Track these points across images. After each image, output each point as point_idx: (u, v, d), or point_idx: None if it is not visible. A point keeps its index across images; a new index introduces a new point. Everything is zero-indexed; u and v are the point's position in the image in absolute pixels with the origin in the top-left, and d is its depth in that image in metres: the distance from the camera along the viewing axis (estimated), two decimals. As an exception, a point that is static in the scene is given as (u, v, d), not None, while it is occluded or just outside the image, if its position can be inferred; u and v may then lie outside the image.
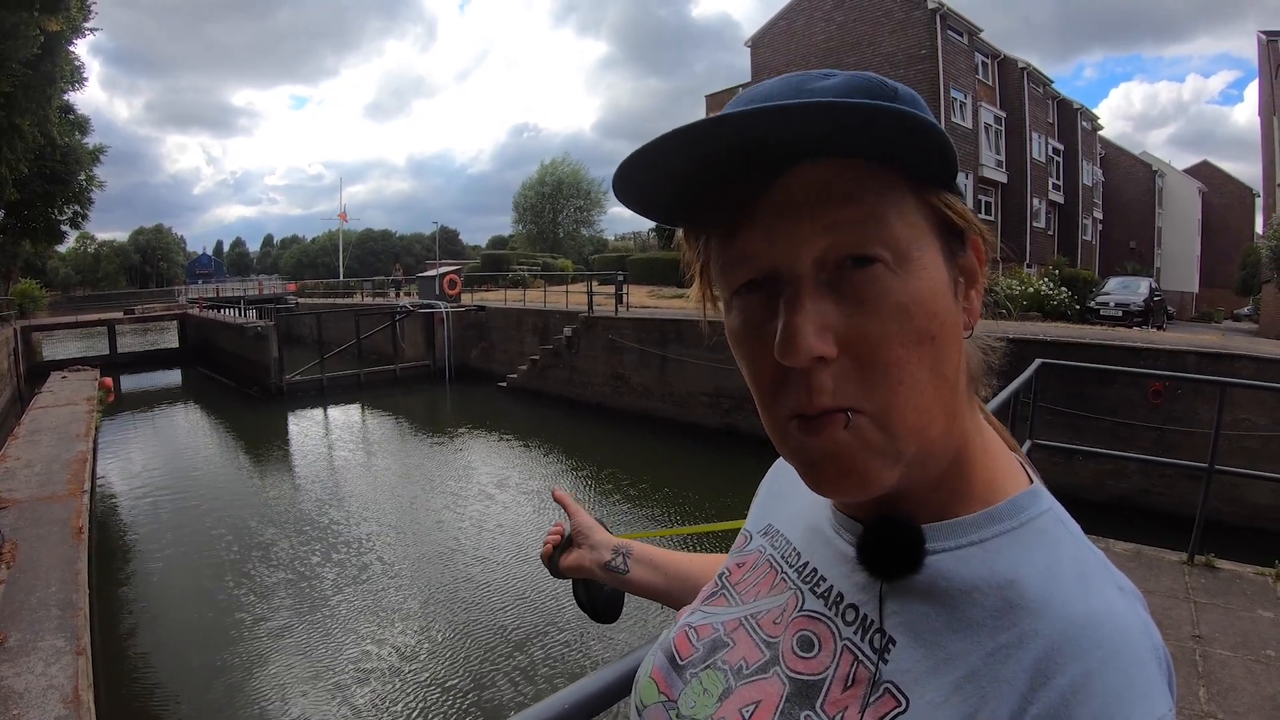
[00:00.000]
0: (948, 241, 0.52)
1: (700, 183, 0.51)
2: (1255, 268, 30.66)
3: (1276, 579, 4.04)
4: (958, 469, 0.54)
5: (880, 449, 0.48)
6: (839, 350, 0.47)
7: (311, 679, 6.91)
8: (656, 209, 0.55)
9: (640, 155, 0.48)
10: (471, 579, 9.12)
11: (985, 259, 0.55)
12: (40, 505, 7.12)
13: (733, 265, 0.52)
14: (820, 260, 0.48)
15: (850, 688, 0.51)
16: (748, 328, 0.52)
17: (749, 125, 0.44)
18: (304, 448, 16.76)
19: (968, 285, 0.54)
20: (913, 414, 0.48)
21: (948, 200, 0.52)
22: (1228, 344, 12.51)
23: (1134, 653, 0.44)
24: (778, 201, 0.48)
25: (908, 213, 0.49)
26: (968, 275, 0.54)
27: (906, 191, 0.49)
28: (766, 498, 0.76)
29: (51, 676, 4.26)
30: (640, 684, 0.67)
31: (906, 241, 0.48)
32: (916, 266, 0.48)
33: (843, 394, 0.47)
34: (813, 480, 0.51)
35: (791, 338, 0.46)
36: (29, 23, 15.45)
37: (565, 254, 49.34)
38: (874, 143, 0.46)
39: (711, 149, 0.47)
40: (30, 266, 49.28)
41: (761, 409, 0.53)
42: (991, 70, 32.05)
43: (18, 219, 24.31)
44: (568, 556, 1.03)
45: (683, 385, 16.65)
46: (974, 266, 0.54)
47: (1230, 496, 9.24)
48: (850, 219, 0.47)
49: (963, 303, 0.53)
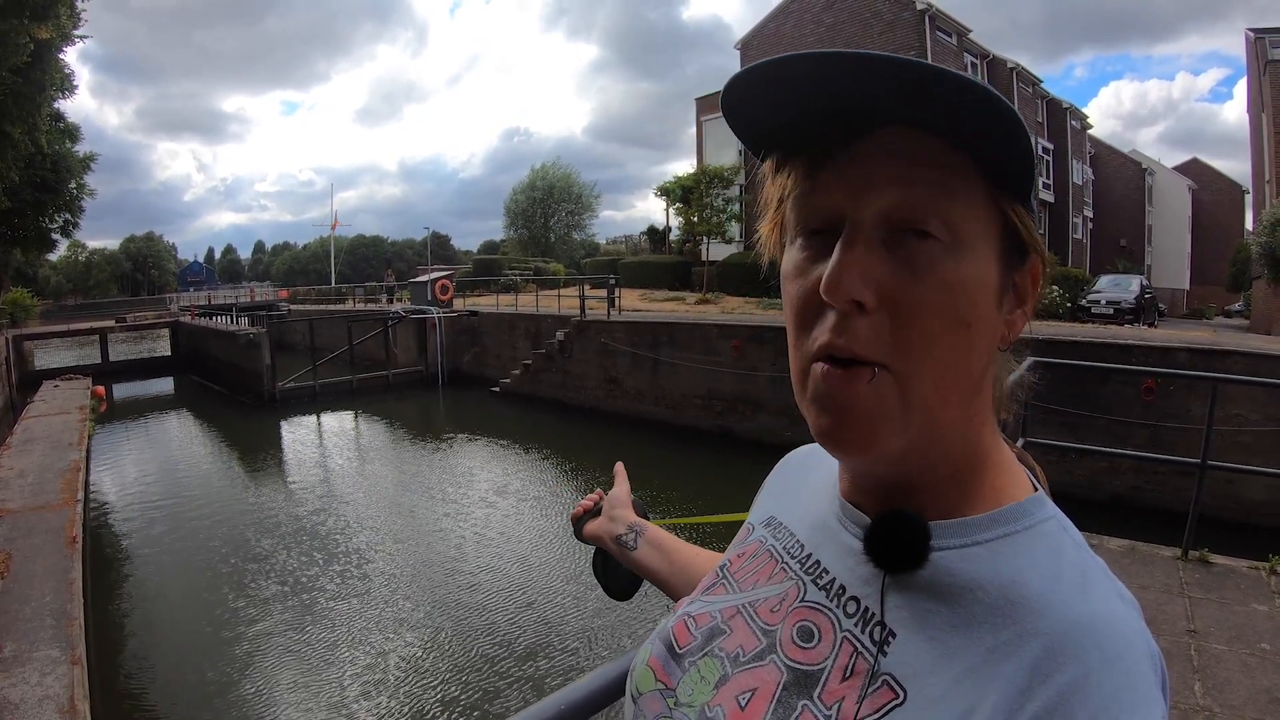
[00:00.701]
0: (1007, 250, 0.53)
1: (804, 114, 0.52)
2: (1245, 264, 30.82)
3: (1270, 574, 4.06)
4: (970, 473, 0.55)
5: (891, 414, 0.49)
6: (878, 304, 0.48)
7: (307, 687, 6.88)
8: (755, 127, 0.56)
9: (768, 67, 0.49)
10: (467, 584, 9.10)
11: (1040, 284, 0.56)
12: (33, 515, 7.07)
13: (806, 205, 0.54)
14: (884, 216, 0.49)
15: (849, 679, 0.52)
16: (803, 265, 0.53)
17: (885, 68, 0.46)
18: (297, 455, 16.71)
19: (1017, 302, 0.55)
20: (932, 389, 0.50)
21: (1018, 211, 0.53)
22: (1219, 340, 12.57)
23: (1132, 657, 0.44)
24: (861, 152, 0.50)
25: (976, 206, 0.50)
26: (1019, 292, 0.55)
27: (980, 188, 0.51)
28: (771, 493, 0.77)
29: (47, 687, 4.23)
30: (636, 672, 0.67)
31: (965, 229, 0.50)
32: (970, 254, 0.50)
33: (874, 348, 0.49)
34: (819, 426, 0.52)
35: (837, 275, 0.49)
36: (18, 30, 15.36)
37: (557, 258, 49.37)
38: (968, 130, 0.48)
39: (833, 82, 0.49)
40: (21, 275, 49.14)
41: (792, 347, 0.54)
42: (980, 71, 32.18)
43: (8, 227, 24.13)
44: (591, 523, 1.07)
45: (676, 388, 16.67)
46: (1027, 286, 0.55)
47: (1223, 492, 9.27)
48: (920, 188, 0.49)
49: (1006, 315, 0.54)
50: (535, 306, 22.85)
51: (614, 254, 44.11)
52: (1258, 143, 29.85)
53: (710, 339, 15.90)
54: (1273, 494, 9.44)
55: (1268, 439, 9.57)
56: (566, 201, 58.30)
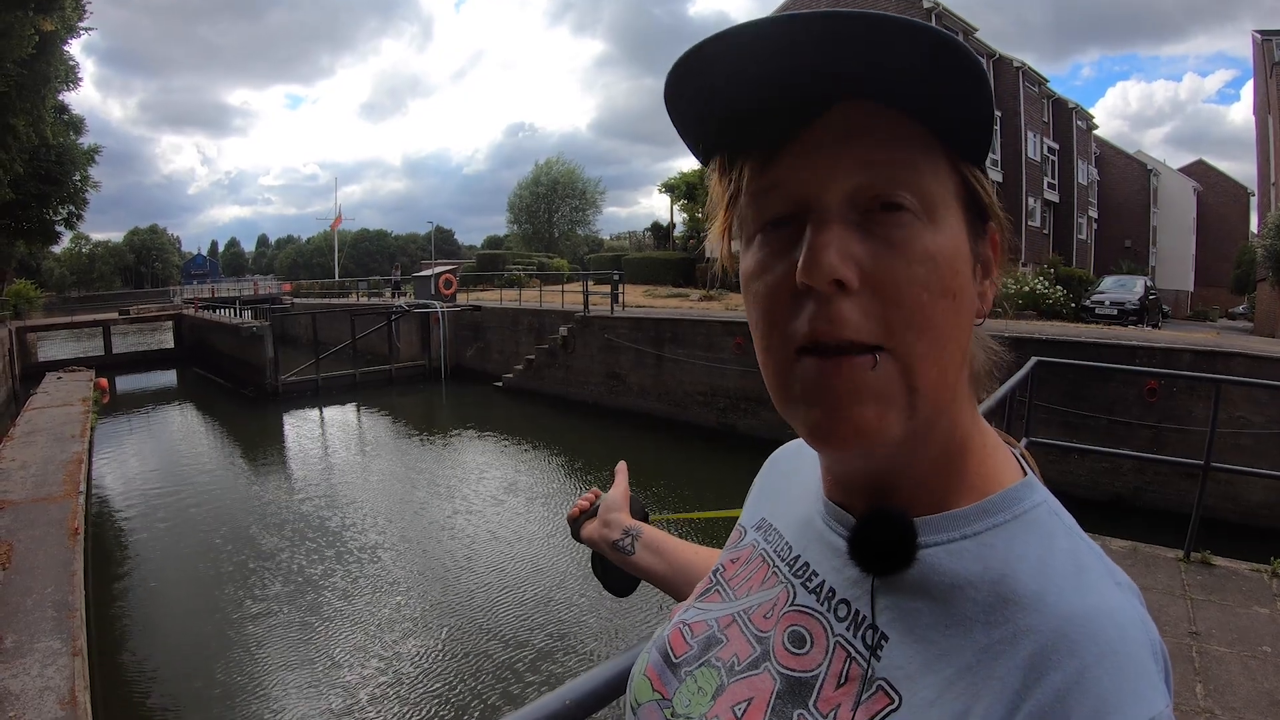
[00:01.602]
0: (971, 216, 0.52)
1: (744, 107, 0.50)
2: (1250, 266, 30.81)
3: (1272, 576, 4.05)
4: (954, 460, 0.53)
5: (897, 400, 0.47)
6: (862, 284, 0.46)
7: (308, 679, 6.89)
8: (699, 129, 0.54)
9: (693, 56, 0.48)
10: (468, 577, 9.11)
11: (1001, 253, 0.55)
12: (36, 506, 7.09)
13: (765, 193, 0.51)
14: (851, 197, 0.47)
15: (843, 685, 0.51)
16: (768, 260, 0.51)
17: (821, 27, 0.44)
18: (300, 448, 16.73)
19: (984, 274, 0.53)
20: (934, 367, 0.48)
21: (976, 174, 0.51)
22: (1223, 342, 12.55)
23: (1130, 649, 0.43)
24: (817, 134, 0.48)
25: (940, 172, 0.49)
26: (984, 263, 0.53)
27: (940, 152, 0.49)
28: (760, 493, 0.76)
29: (48, 678, 4.24)
30: (634, 682, 0.66)
31: (935, 197, 0.48)
32: (943, 223, 0.48)
33: (865, 329, 0.46)
34: (814, 423, 0.49)
35: (815, 255, 0.46)
36: (24, 22, 15.39)
37: (561, 254, 49.37)
38: (920, 89, 0.46)
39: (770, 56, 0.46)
40: (25, 267, 49.29)
41: (767, 347, 0.52)
42: (987, 70, 32.06)
43: (12, 219, 24.21)
44: (587, 526, 1.06)
45: (678, 385, 16.66)
46: (990, 256, 0.54)
47: (1225, 494, 9.27)
48: (884, 161, 0.47)
49: (978, 287, 0.53)
50: (539, 302, 22.81)
51: (618, 250, 44.05)
52: (1264, 145, 29.80)
53: (713, 335, 15.89)
54: (1274, 496, 9.43)
55: (1269, 441, 9.56)
56: (571, 197, 58.36)
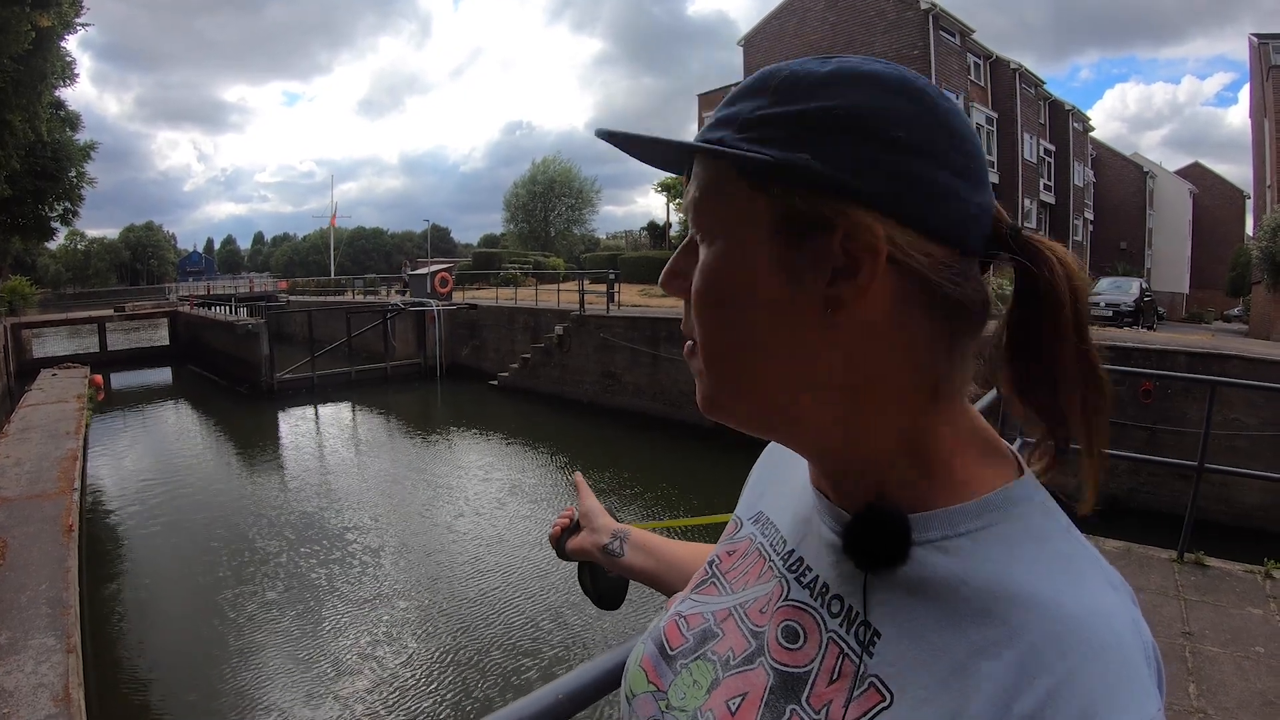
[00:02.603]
0: (787, 229, 0.50)
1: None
2: (1245, 269, 30.91)
3: (1265, 577, 4.07)
4: (924, 455, 0.53)
5: (705, 378, 0.56)
6: (685, 295, 0.57)
7: (303, 677, 6.89)
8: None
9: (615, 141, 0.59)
10: (466, 578, 9.10)
11: (864, 246, 0.49)
12: (30, 503, 7.07)
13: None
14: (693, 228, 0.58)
15: (836, 681, 0.51)
16: None
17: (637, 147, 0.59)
18: (295, 446, 16.70)
19: (841, 274, 0.50)
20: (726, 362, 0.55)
21: (777, 190, 0.51)
22: (1218, 344, 12.58)
23: (1122, 650, 0.43)
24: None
25: (736, 202, 0.53)
26: (834, 262, 0.50)
27: (741, 185, 0.53)
28: (757, 484, 0.76)
29: (41, 675, 4.23)
30: (630, 673, 0.66)
31: (718, 226, 0.54)
32: (719, 245, 0.54)
33: (689, 327, 0.57)
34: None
35: (663, 271, 0.60)
36: (20, 18, 15.33)
37: (557, 252, 49.36)
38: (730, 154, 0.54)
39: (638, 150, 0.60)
40: (20, 263, 49.10)
41: None
42: (983, 71, 32.18)
43: (8, 215, 24.07)
44: (573, 539, 1.07)
45: (674, 384, 16.66)
46: (839, 254, 0.49)
47: (1219, 496, 9.30)
48: (695, 202, 0.57)
49: (824, 289, 0.50)
50: (534, 300, 22.80)
51: (614, 249, 44.11)
52: (1259, 148, 29.88)
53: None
54: (1268, 498, 9.46)
55: (1263, 443, 9.59)
56: (567, 196, 58.37)
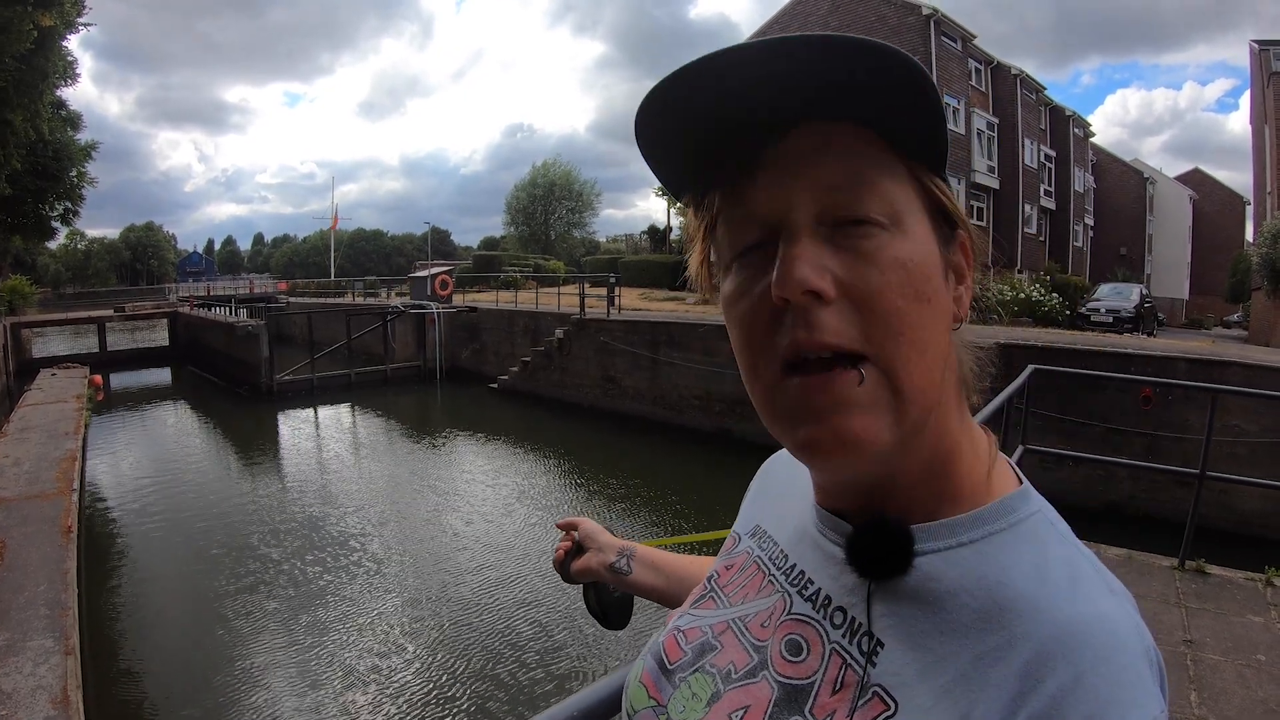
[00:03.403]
0: (938, 224, 0.53)
1: (710, 139, 0.52)
2: (1245, 275, 30.94)
3: (1266, 585, 4.06)
4: (946, 468, 0.54)
5: (885, 405, 0.48)
6: (838, 293, 0.47)
7: (302, 680, 6.87)
8: (670, 167, 0.56)
9: (656, 99, 0.50)
10: (466, 585, 9.07)
11: (973, 259, 0.56)
12: (28, 504, 7.06)
13: (736, 222, 0.52)
14: (819, 216, 0.49)
15: (839, 691, 0.51)
16: (746, 284, 0.52)
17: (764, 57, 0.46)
18: (294, 447, 16.68)
19: (957, 280, 0.54)
20: (917, 371, 0.49)
21: (938, 183, 0.52)
22: (1218, 351, 12.58)
23: (1125, 655, 0.43)
24: (780, 158, 0.50)
25: (901, 183, 0.50)
26: (955, 270, 0.54)
27: (899, 164, 0.50)
28: (755, 499, 0.77)
29: (40, 677, 4.22)
30: (630, 689, 0.67)
31: (900, 208, 0.49)
32: (911, 232, 0.50)
33: (846, 335, 0.47)
34: (803, 439, 0.50)
35: (787, 268, 0.47)
36: (22, 17, 15.35)
37: (557, 256, 49.36)
38: (873, 104, 0.48)
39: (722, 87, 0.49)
40: (20, 263, 49.09)
41: (751, 369, 0.52)
42: (985, 77, 32.22)
43: (8, 214, 24.08)
44: (578, 560, 1.06)
45: (674, 388, 16.64)
46: (961, 263, 0.55)
47: (1220, 503, 9.28)
48: (847, 179, 0.49)
49: (952, 292, 0.54)
50: (535, 304, 22.80)
51: (614, 253, 44.07)
52: (1260, 154, 29.91)
53: (710, 339, 15.86)
54: (1268, 505, 9.45)
55: (1264, 450, 9.58)
56: (567, 199, 58.37)
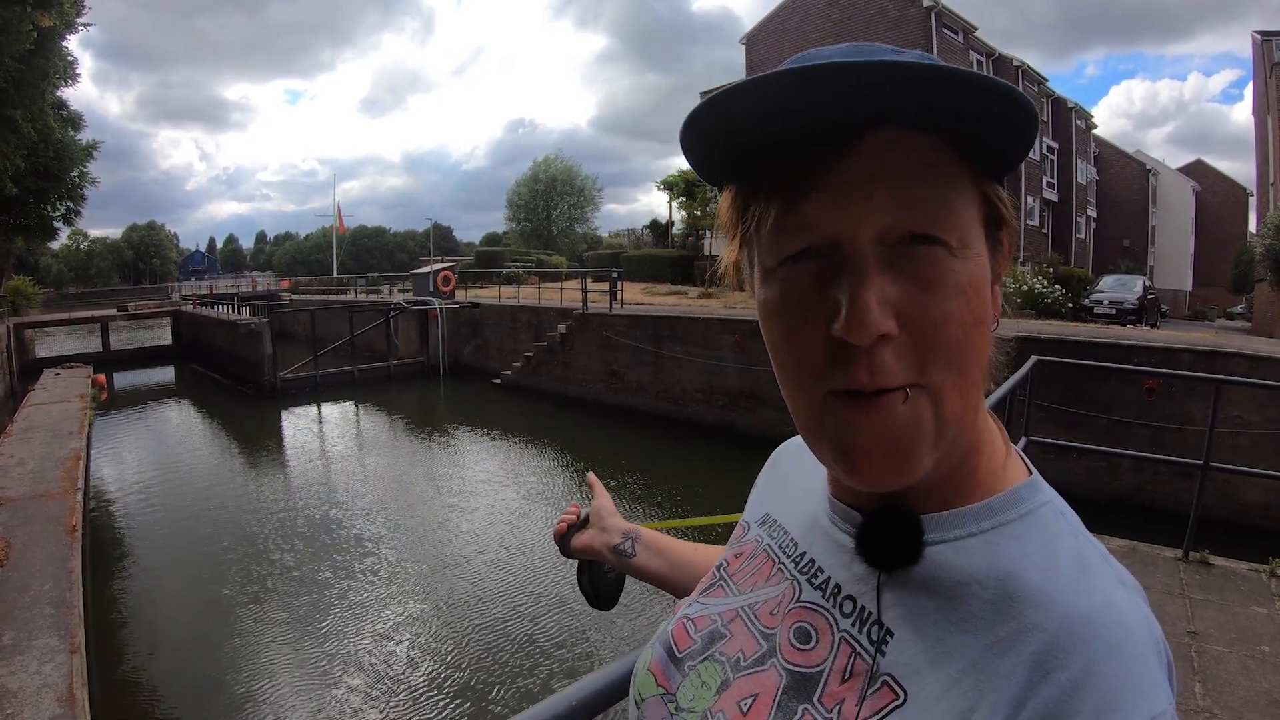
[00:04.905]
0: (992, 234, 0.52)
1: (771, 142, 0.49)
2: (1249, 266, 30.83)
3: (1270, 576, 4.06)
4: (969, 460, 0.54)
5: (929, 430, 0.48)
6: (899, 327, 0.46)
7: (307, 677, 6.88)
8: (717, 167, 0.54)
9: (713, 107, 0.47)
10: (471, 578, 9.09)
11: (1009, 256, 0.55)
12: (33, 503, 7.08)
13: (788, 233, 0.49)
14: (883, 234, 0.46)
15: (848, 680, 0.51)
16: (793, 298, 0.50)
17: (838, 79, 0.44)
18: (298, 444, 16.72)
19: (995, 280, 0.54)
20: (960, 397, 0.48)
21: (999, 194, 0.52)
22: (1221, 342, 12.54)
23: (1135, 647, 0.43)
24: (850, 170, 0.47)
25: (968, 198, 0.49)
26: (998, 273, 0.54)
27: (969, 179, 0.49)
28: (764, 489, 0.76)
29: (46, 675, 4.23)
30: (639, 677, 0.66)
31: (966, 228, 0.48)
32: (973, 253, 0.49)
33: (904, 376, 0.46)
34: (851, 463, 0.49)
35: (860, 315, 0.45)
36: (22, 18, 15.37)
37: (559, 251, 49.38)
38: (958, 121, 0.46)
39: (790, 104, 0.46)
40: (23, 263, 49.19)
41: (795, 385, 0.51)
42: (986, 68, 32.09)
43: (10, 215, 24.12)
44: (580, 536, 1.05)
45: (677, 382, 16.65)
46: (1001, 263, 0.54)
47: (1223, 494, 9.27)
48: (922, 198, 0.46)
49: (998, 295, 0.54)
50: (537, 299, 22.81)
51: (616, 247, 44.04)
52: (1263, 145, 29.81)
53: (712, 333, 15.87)
54: (1272, 496, 9.44)
55: (1267, 441, 9.56)
56: (569, 194, 58.43)
